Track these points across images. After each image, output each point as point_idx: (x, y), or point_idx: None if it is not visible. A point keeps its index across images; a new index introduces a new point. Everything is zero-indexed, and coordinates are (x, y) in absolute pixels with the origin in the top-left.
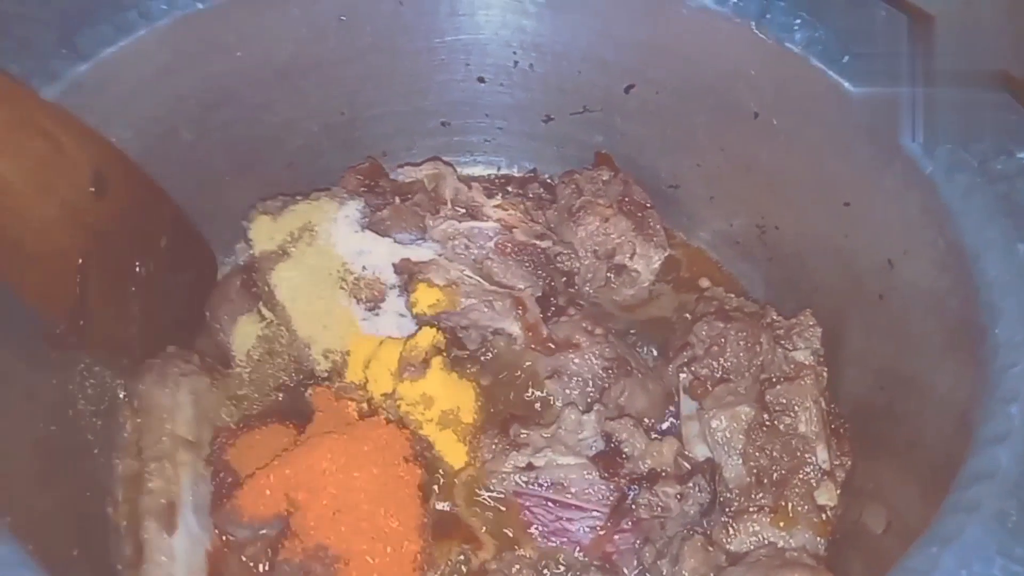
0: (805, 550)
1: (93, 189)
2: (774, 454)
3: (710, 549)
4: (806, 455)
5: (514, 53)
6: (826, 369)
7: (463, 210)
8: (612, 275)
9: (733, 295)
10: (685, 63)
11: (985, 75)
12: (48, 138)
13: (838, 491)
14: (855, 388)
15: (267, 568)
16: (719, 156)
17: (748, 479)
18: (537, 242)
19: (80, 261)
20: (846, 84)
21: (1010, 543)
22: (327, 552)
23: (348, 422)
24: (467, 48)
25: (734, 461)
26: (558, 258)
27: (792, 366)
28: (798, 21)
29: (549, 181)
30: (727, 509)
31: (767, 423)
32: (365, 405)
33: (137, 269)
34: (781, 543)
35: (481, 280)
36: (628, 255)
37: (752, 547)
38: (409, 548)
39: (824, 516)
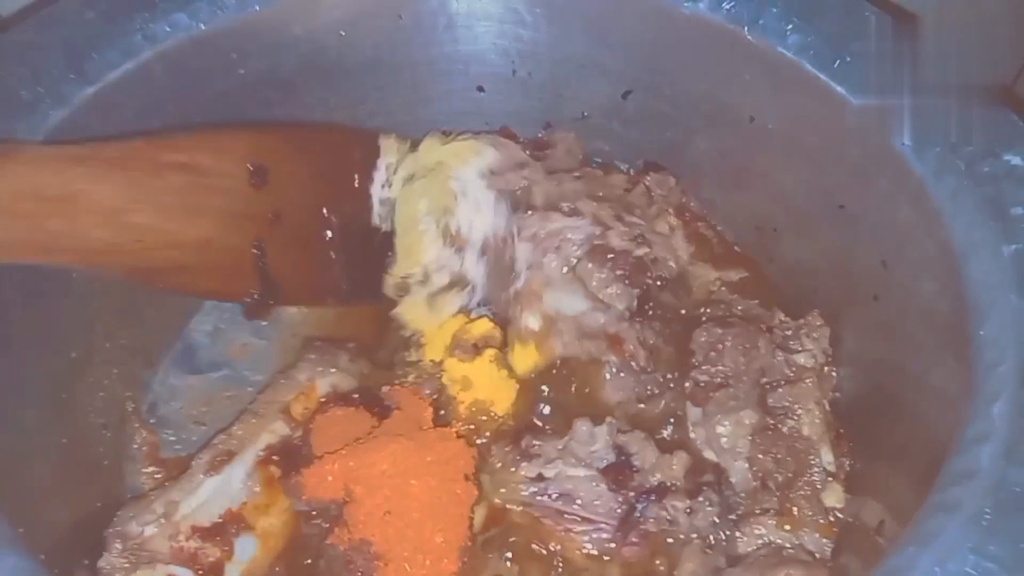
0: (804, 549)
1: (254, 182)
2: (778, 457)
3: (708, 552)
4: (810, 457)
5: (512, 62)
6: (835, 370)
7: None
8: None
9: (738, 295)
10: (681, 68)
11: (983, 89)
12: (181, 169)
13: (846, 493)
14: (852, 388)
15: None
16: (717, 160)
17: (754, 483)
18: (633, 249)
19: (254, 250)
20: (838, 88)
21: (984, 542)
22: (370, 549)
23: (421, 427)
24: (466, 58)
25: (740, 465)
26: (654, 263)
27: (794, 369)
28: (790, 26)
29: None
30: (733, 513)
31: (771, 427)
32: (442, 411)
33: (327, 216)
34: (787, 545)
35: (576, 313)
36: (688, 264)
37: (757, 547)
38: (446, 567)
39: (831, 518)
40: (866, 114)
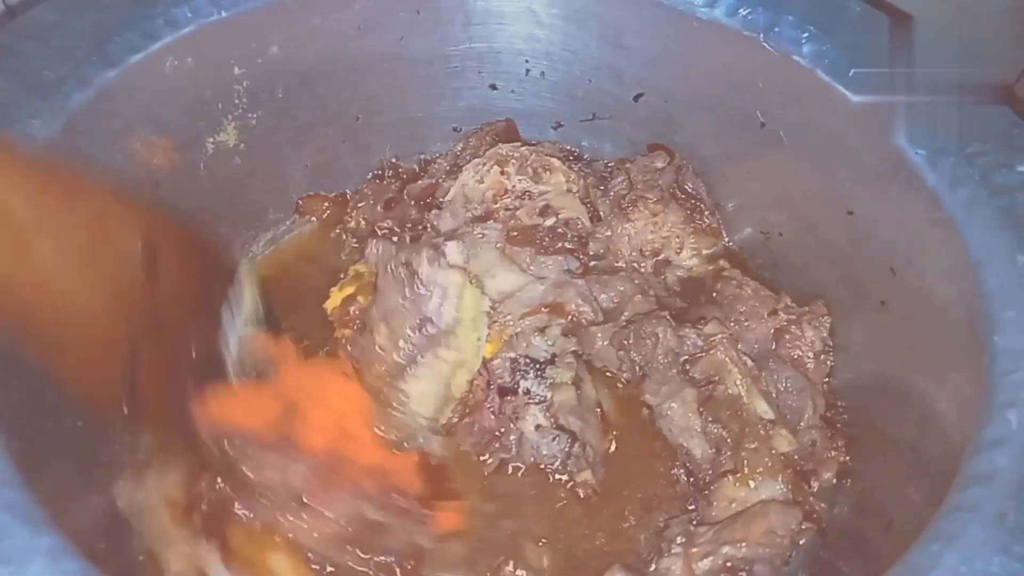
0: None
1: (143, 267)
2: (723, 421)
3: (692, 526)
4: (747, 413)
5: (526, 61)
6: (832, 357)
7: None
8: (655, 273)
9: (749, 278)
10: (694, 74)
11: (986, 88)
12: (90, 211)
13: (795, 436)
14: (857, 392)
15: None
16: (726, 164)
17: (711, 451)
18: (541, 221)
19: (128, 346)
20: (852, 96)
21: (1009, 542)
22: None
23: None
24: (480, 56)
25: (697, 441)
26: (567, 226)
27: (704, 340)
28: (805, 35)
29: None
30: (704, 486)
31: (708, 397)
32: None
33: (193, 335)
34: (752, 498)
35: (514, 288)
36: (676, 250)
37: (732, 510)
38: None
39: (781, 460)
40: (879, 123)
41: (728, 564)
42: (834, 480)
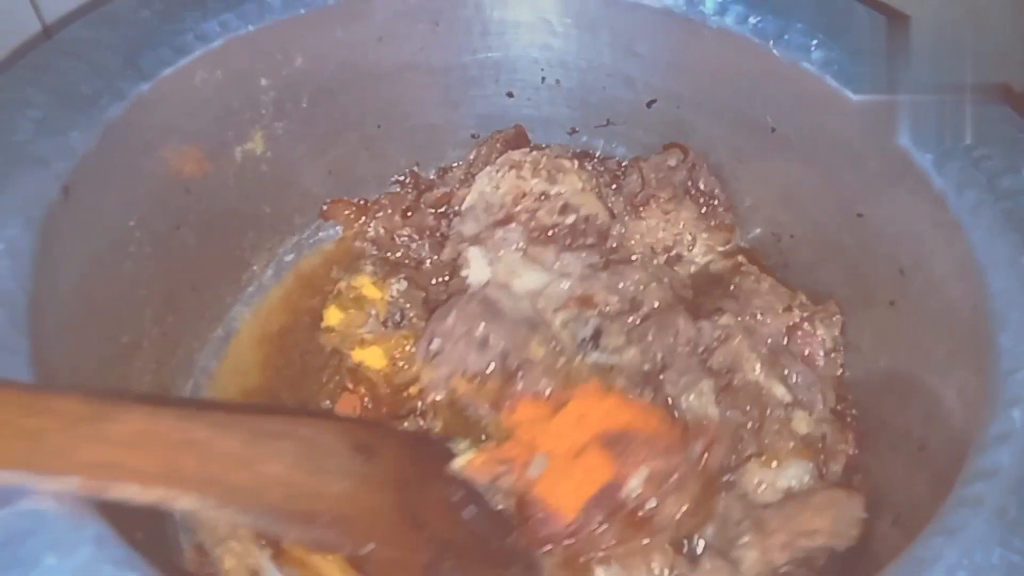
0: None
1: (363, 455)
2: (742, 408)
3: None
4: (766, 397)
5: (541, 70)
6: (842, 355)
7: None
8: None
9: (765, 275)
10: (706, 80)
11: (987, 89)
12: (288, 437)
13: (813, 416)
14: (867, 388)
15: None
16: (737, 167)
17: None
18: (561, 219)
19: (401, 512)
20: (861, 103)
21: (1009, 535)
22: None
23: None
24: (497, 65)
25: None
26: (587, 222)
27: (719, 331)
28: (815, 42)
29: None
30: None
31: (725, 386)
32: None
33: (454, 498)
34: (780, 479)
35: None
36: (688, 247)
37: (755, 492)
38: None
39: (805, 444)
40: (887, 128)
41: (803, 557)
42: (840, 473)
